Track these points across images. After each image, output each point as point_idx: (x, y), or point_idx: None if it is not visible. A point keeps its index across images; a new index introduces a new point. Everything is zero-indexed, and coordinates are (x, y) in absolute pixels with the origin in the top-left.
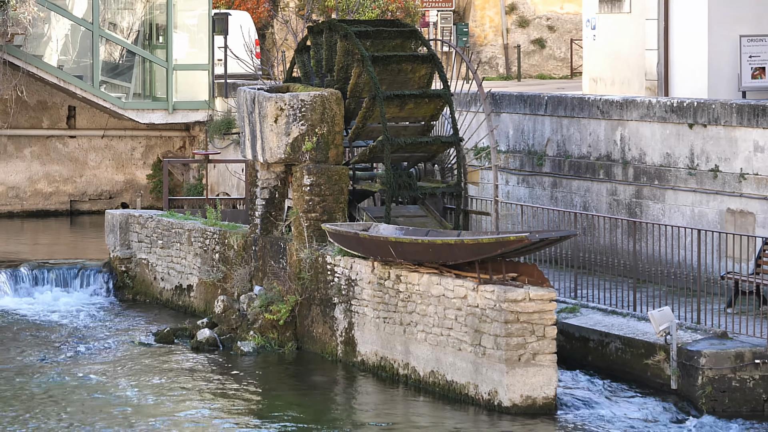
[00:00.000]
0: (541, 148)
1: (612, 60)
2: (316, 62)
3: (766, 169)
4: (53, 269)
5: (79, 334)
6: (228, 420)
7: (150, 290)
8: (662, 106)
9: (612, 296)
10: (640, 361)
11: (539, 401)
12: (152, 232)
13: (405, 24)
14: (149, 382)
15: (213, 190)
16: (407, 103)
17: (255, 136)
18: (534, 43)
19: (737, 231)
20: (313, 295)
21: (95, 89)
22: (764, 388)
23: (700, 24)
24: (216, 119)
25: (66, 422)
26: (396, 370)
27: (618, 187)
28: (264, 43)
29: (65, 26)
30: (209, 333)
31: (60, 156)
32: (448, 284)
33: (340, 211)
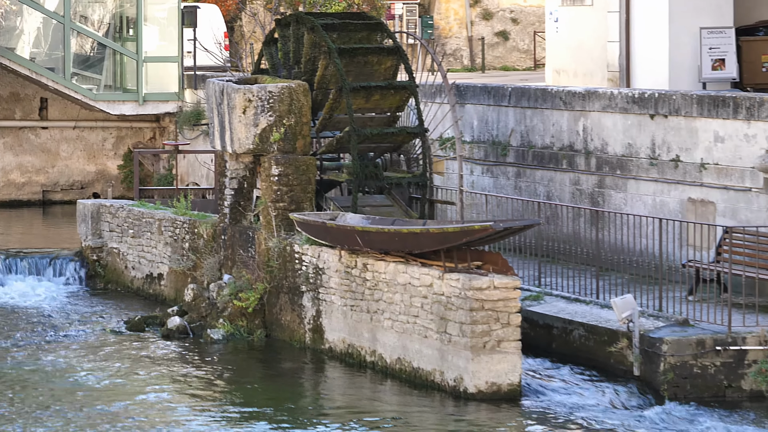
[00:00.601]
0: (505, 139)
1: (574, 52)
2: (284, 54)
3: (726, 159)
4: (26, 258)
5: (51, 321)
6: (196, 405)
7: (121, 279)
8: (624, 97)
9: (575, 284)
10: (603, 348)
11: (504, 388)
12: (123, 222)
13: (371, 17)
14: (119, 369)
15: (183, 181)
16: (373, 95)
17: (224, 127)
18: (498, 36)
19: (698, 220)
20: (281, 283)
21: (67, 81)
22: (725, 375)
23: (661, 16)
24: (185, 110)
25: (31, 405)
26: (363, 357)
27: (581, 176)
28: (232, 35)
29: (37, 19)
30: (179, 321)
31: (32, 147)
32: (414, 273)
33: (308, 200)
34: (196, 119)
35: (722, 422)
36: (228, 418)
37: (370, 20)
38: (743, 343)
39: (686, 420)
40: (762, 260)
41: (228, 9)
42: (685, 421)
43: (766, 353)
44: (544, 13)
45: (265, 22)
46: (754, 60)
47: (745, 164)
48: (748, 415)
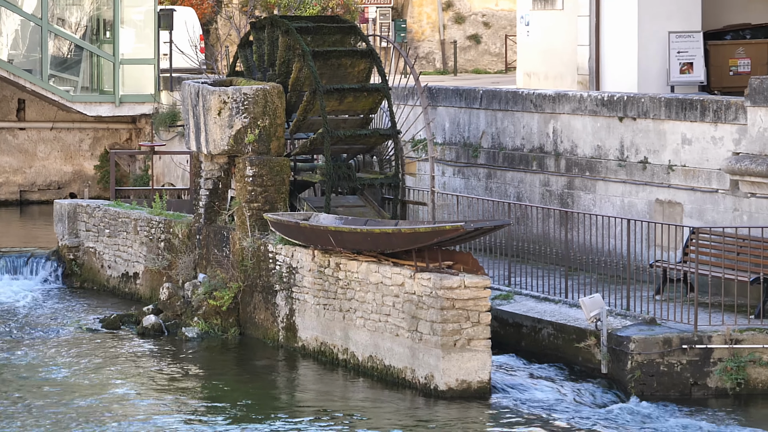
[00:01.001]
0: (476, 141)
1: (545, 55)
2: (259, 57)
3: (693, 161)
4: (3, 257)
5: (27, 319)
6: (170, 401)
7: (97, 278)
8: (593, 99)
9: (545, 284)
10: (571, 346)
11: (474, 385)
12: (99, 222)
13: (345, 20)
14: (94, 365)
15: (158, 181)
16: (347, 97)
17: (199, 128)
18: (470, 39)
19: (665, 221)
20: (255, 282)
21: (44, 83)
22: (691, 373)
23: (630, 21)
24: (161, 112)
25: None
26: (336, 355)
27: (550, 178)
28: (208, 38)
29: (15, 21)
30: (154, 319)
31: (10, 147)
32: (386, 272)
33: (282, 201)
34: (171, 121)
35: (687, 419)
36: (201, 414)
37: (344, 23)
38: (709, 341)
39: (652, 417)
40: (728, 260)
41: (204, 12)
42: (651, 418)
43: (731, 352)
44: (516, 17)
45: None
46: (721, 64)
47: (712, 166)
48: (712, 412)
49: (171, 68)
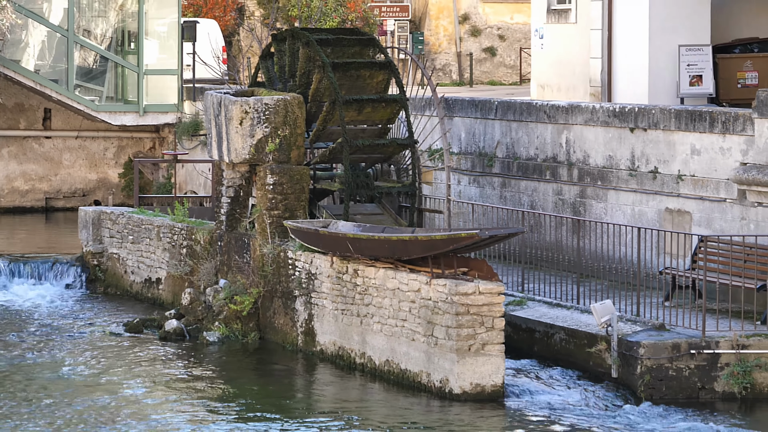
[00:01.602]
0: (491, 150)
1: (558, 67)
2: (280, 68)
3: (702, 170)
4: (29, 263)
5: (52, 323)
6: (191, 404)
7: (121, 283)
8: (605, 111)
9: (557, 290)
10: (583, 351)
11: (488, 389)
12: (123, 228)
13: (364, 32)
14: (116, 368)
15: (181, 189)
16: (365, 107)
17: (221, 137)
18: (485, 51)
19: (675, 229)
20: (275, 288)
21: (70, 92)
22: (699, 377)
23: (642, 34)
24: (184, 121)
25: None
26: (353, 359)
27: (563, 187)
28: (230, 49)
29: (42, 32)
30: (176, 323)
31: (36, 155)
32: (403, 278)
33: (301, 208)
34: (194, 130)
35: (695, 422)
36: (221, 416)
37: (363, 36)
38: (716, 347)
39: (661, 420)
40: (735, 268)
41: (226, 24)
42: (660, 421)
43: (738, 357)
44: (530, 30)
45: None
46: (729, 77)
47: (720, 176)
48: (719, 415)
49: (194, 79)
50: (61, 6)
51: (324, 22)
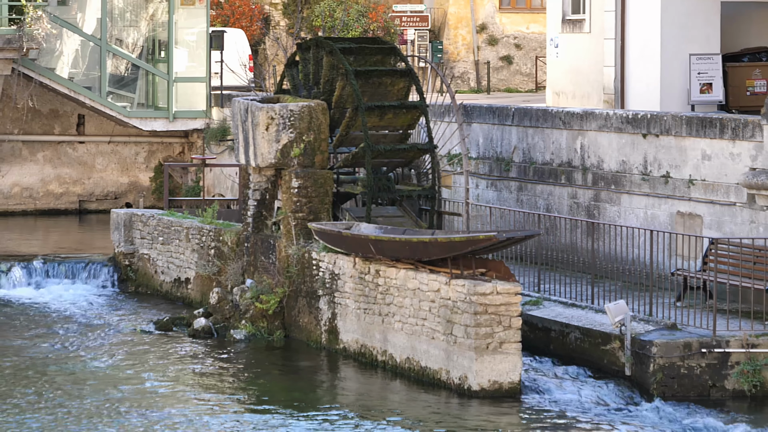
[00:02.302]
0: (508, 155)
1: (573, 75)
2: (304, 76)
3: (712, 175)
4: (63, 263)
5: (85, 321)
6: (218, 399)
7: (151, 282)
8: (619, 117)
9: (572, 290)
10: (597, 350)
11: (505, 386)
12: (153, 230)
13: (385, 41)
14: (146, 365)
15: (209, 192)
16: (387, 114)
17: (248, 142)
18: (502, 60)
19: (686, 232)
20: (299, 287)
21: (103, 99)
22: (710, 375)
23: (654, 43)
24: (212, 127)
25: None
26: (375, 356)
27: (578, 191)
28: (257, 58)
29: (76, 42)
30: (204, 322)
31: (70, 160)
32: (423, 279)
33: (325, 211)
34: (222, 135)
35: (706, 419)
36: (248, 411)
37: (385, 45)
38: (727, 346)
39: (673, 417)
40: (745, 270)
41: (253, 33)
42: (672, 418)
43: (747, 356)
44: (546, 39)
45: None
46: (739, 84)
47: (730, 181)
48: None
49: (222, 86)
50: (94, 16)
51: (347, 32)
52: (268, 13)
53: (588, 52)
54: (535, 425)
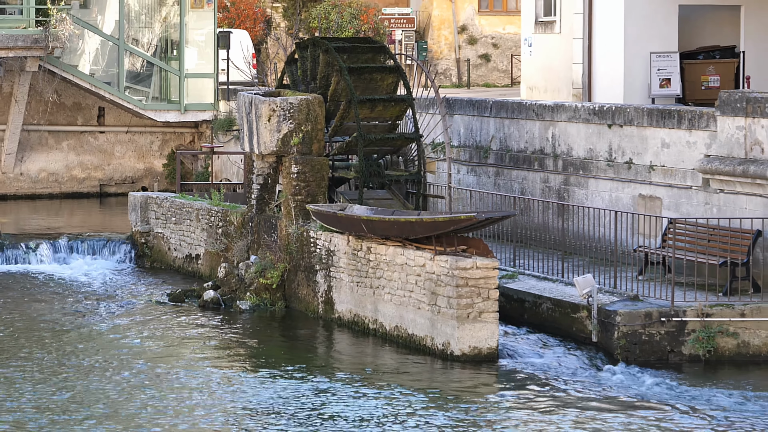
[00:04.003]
0: (486, 144)
1: (545, 72)
2: (303, 72)
3: (671, 161)
4: (85, 241)
5: (106, 293)
6: (226, 363)
7: (165, 258)
8: (586, 109)
9: (544, 265)
10: (567, 319)
11: (484, 351)
12: (167, 211)
13: (375, 41)
14: (160, 332)
15: (217, 177)
16: (377, 106)
17: (252, 132)
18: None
19: (647, 212)
20: (298, 263)
21: (121, 93)
22: (669, 342)
23: (617, 43)
24: (220, 118)
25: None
26: (366, 325)
27: (549, 176)
28: (259, 56)
29: (96, 41)
30: (213, 294)
31: (91, 148)
32: (410, 255)
33: (322, 194)
34: (228, 126)
35: (664, 380)
36: (252, 372)
37: (375, 44)
38: (684, 315)
39: (635, 378)
40: (700, 246)
41: (256, 34)
42: (633, 379)
43: (702, 324)
44: (520, 39)
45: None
46: (695, 80)
47: (687, 166)
48: (686, 374)
49: (228, 81)
50: (112, 18)
51: (341, 32)
52: (269, 15)
53: (558, 51)
54: (511, 386)
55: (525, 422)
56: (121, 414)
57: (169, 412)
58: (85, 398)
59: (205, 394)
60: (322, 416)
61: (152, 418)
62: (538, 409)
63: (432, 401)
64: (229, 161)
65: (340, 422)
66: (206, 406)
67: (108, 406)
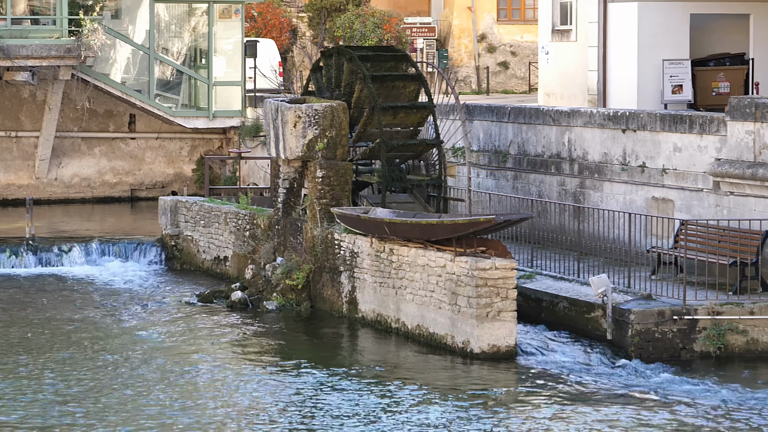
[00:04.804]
0: (505, 148)
1: (561, 78)
2: (327, 80)
3: (682, 165)
4: (117, 243)
5: (137, 294)
6: (254, 360)
7: (194, 260)
8: (601, 115)
9: (560, 266)
10: (582, 317)
11: (503, 349)
12: (196, 214)
13: (398, 50)
14: (190, 332)
15: (244, 181)
16: (399, 113)
17: (278, 138)
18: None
19: (660, 214)
20: (323, 264)
21: (151, 100)
22: (680, 339)
23: (631, 51)
24: (247, 125)
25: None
26: (389, 324)
27: (566, 179)
28: (285, 64)
29: (127, 51)
30: (241, 294)
31: (123, 154)
32: (431, 256)
33: (346, 197)
34: (255, 132)
35: (676, 376)
36: (279, 371)
37: (397, 52)
38: (695, 313)
39: (648, 374)
40: (711, 247)
41: (282, 43)
42: (647, 375)
43: (713, 322)
44: (538, 47)
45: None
46: (705, 86)
47: (698, 170)
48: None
49: (255, 89)
50: (143, 28)
51: (364, 41)
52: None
53: (574, 58)
54: (529, 382)
55: (544, 417)
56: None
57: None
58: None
59: (233, 390)
60: (346, 412)
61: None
62: (556, 403)
63: (453, 397)
64: (256, 166)
65: (363, 416)
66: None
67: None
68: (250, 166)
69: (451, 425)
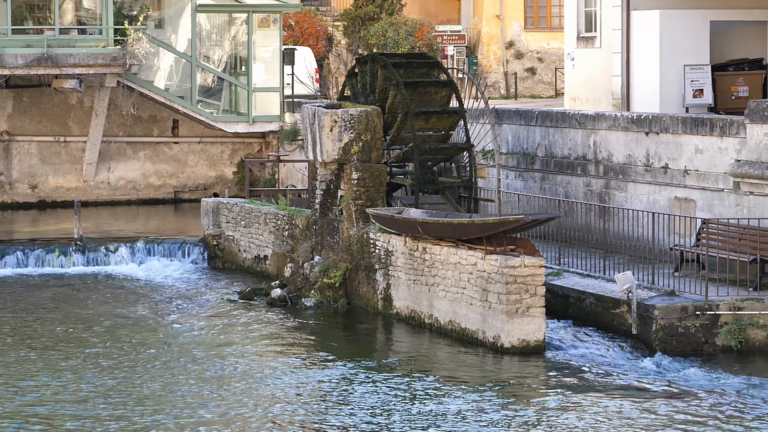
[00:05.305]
0: (533, 151)
1: (587, 83)
2: (362, 86)
3: (704, 166)
4: (161, 243)
5: (181, 292)
6: (293, 355)
7: (235, 259)
8: (625, 118)
9: (587, 263)
10: (608, 313)
11: (532, 343)
12: (237, 215)
13: (429, 57)
14: (232, 327)
15: (283, 183)
16: (431, 118)
17: (315, 141)
18: (527, 71)
19: (682, 213)
20: (359, 263)
21: (193, 106)
22: (703, 333)
23: (654, 56)
24: (285, 129)
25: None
26: (422, 319)
27: (591, 180)
28: (322, 71)
29: (170, 59)
30: (280, 292)
31: (166, 157)
32: (463, 254)
33: (380, 198)
34: (293, 136)
35: (699, 369)
36: (317, 365)
37: (429, 59)
38: (717, 309)
39: (672, 367)
40: (731, 245)
41: (318, 50)
42: (671, 368)
43: (734, 317)
44: (564, 54)
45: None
46: (725, 90)
47: (719, 170)
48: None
49: (293, 94)
50: (185, 37)
51: (397, 49)
52: (331, 33)
53: (599, 64)
54: (557, 375)
55: (573, 408)
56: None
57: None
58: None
59: (273, 382)
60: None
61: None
62: (585, 395)
63: (485, 390)
64: (294, 169)
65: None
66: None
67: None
68: (289, 168)
69: (481, 415)
